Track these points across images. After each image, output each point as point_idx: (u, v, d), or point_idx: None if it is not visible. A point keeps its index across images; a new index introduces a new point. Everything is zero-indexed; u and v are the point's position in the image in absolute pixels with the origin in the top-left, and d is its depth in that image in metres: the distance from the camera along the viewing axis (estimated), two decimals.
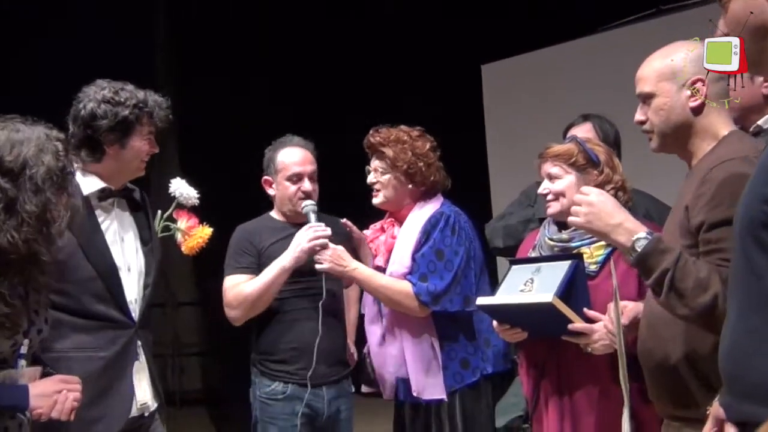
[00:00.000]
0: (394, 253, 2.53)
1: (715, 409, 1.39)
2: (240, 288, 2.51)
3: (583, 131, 2.81)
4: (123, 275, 2.19)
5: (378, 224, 2.66)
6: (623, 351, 1.81)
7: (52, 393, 1.73)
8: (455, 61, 5.20)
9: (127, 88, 2.18)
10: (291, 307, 2.53)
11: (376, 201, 2.58)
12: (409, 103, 4.97)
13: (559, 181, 2.26)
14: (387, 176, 2.54)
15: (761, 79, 2.23)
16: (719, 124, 1.73)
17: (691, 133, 1.74)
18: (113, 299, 2.15)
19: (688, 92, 1.71)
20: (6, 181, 1.63)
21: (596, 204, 1.68)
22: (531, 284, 2.17)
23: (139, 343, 2.19)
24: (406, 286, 2.43)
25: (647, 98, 1.76)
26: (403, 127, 2.59)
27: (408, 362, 2.45)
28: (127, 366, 2.15)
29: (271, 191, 2.63)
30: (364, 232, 2.70)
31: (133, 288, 2.21)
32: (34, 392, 1.71)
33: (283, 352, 2.51)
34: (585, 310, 2.08)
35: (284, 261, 2.47)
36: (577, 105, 3.03)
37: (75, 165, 2.18)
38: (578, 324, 2.06)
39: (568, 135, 2.83)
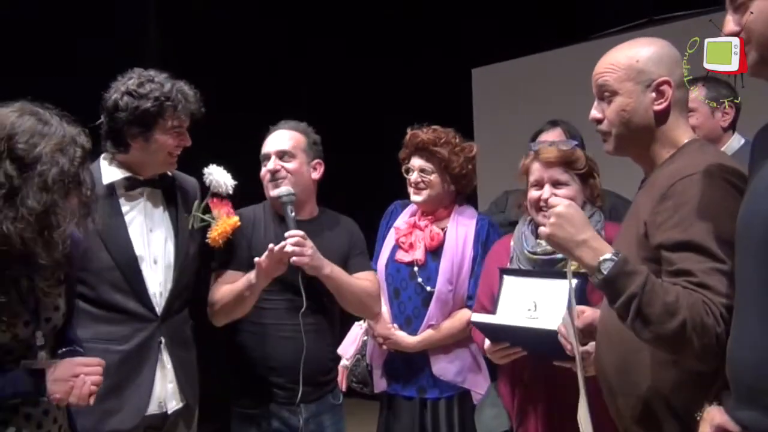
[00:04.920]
0: (443, 264, 2.53)
1: (718, 417, 1.37)
2: (217, 290, 2.37)
3: (554, 136, 2.88)
4: (146, 267, 2.13)
5: (408, 218, 2.67)
6: (580, 356, 1.74)
7: (69, 377, 1.66)
8: (446, 64, 5.19)
9: (157, 78, 2.11)
10: (271, 320, 2.38)
11: (419, 198, 2.59)
12: (399, 105, 4.96)
13: (567, 189, 2.18)
14: (434, 176, 2.55)
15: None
16: (679, 131, 1.65)
17: (651, 138, 1.65)
18: (132, 290, 2.09)
19: (654, 94, 1.62)
20: (13, 168, 1.56)
21: (564, 215, 1.59)
22: (535, 310, 2.12)
23: (163, 339, 2.13)
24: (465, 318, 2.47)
25: (607, 96, 1.66)
26: (438, 128, 2.59)
27: (464, 360, 2.53)
28: (145, 361, 2.09)
29: None
30: (396, 224, 2.68)
31: (157, 281, 2.15)
32: (51, 377, 1.65)
33: (261, 368, 2.37)
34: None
35: (254, 277, 2.28)
36: (567, 111, 3.03)
37: (103, 155, 2.15)
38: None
39: (539, 141, 2.91)
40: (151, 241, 2.16)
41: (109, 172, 2.14)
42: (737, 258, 1.40)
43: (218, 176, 2.30)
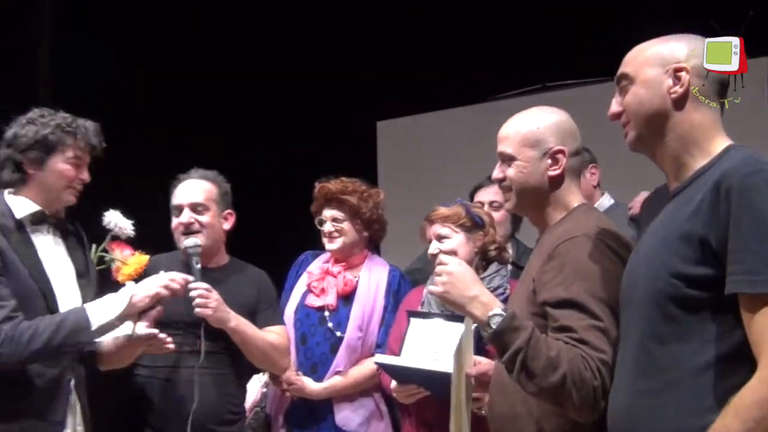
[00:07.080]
0: (354, 310, 2.54)
1: None
2: None
3: (491, 193, 3.00)
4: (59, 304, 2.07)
5: (321, 264, 2.67)
6: (462, 398, 1.82)
7: None
8: (352, 117, 5.28)
9: (59, 114, 2.14)
10: (164, 363, 2.33)
11: (333, 246, 2.62)
12: (302, 156, 4.99)
13: (448, 241, 2.34)
14: (346, 223, 2.60)
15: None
16: (571, 196, 1.79)
17: (546, 201, 1.79)
18: None
19: (549, 161, 1.75)
20: None
21: (455, 274, 1.68)
22: (437, 353, 2.19)
23: (73, 381, 2.07)
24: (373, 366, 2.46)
25: (508, 159, 1.80)
26: (344, 178, 2.66)
27: (368, 409, 2.53)
28: (56, 401, 2.02)
29: None
30: (309, 269, 2.68)
31: None
32: None
33: (151, 414, 2.30)
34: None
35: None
36: (469, 167, 3.16)
37: (6, 191, 2.13)
38: (478, 393, 2.05)
39: (476, 197, 3.03)
40: (58, 279, 2.13)
41: (17, 206, 2.10)
42: (622, 312, 1.53)
43: (119, 221, 2.34)
